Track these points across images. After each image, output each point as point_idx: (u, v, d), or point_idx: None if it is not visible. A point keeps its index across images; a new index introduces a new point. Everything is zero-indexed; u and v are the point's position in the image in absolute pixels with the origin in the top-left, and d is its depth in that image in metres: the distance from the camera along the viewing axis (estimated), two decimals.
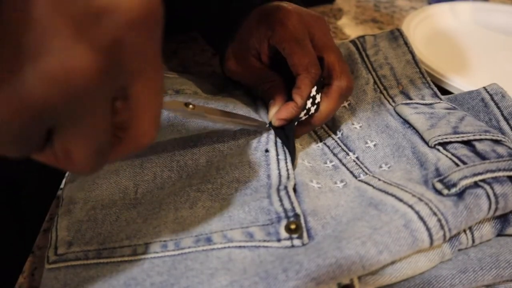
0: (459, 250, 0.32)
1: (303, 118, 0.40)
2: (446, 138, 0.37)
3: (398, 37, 0.50)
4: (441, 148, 0.37)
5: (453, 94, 0.47)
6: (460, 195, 0.32)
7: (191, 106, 0.33)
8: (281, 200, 0.33)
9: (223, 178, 0.36)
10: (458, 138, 0.37)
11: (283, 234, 0.31)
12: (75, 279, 0.30)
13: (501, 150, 0.35)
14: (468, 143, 0.37)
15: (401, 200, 0.31)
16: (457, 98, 0.44)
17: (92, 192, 0.35)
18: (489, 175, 0.32)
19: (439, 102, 0.43)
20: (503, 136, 0.37)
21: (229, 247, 0.30)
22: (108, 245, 0.31)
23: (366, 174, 0.38)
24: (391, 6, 0.78)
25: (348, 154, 0.40)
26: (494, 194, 0.31)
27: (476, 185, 0.32)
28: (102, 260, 0.31)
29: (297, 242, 0.30)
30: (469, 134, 0.37)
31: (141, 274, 0.29)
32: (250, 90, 0.47)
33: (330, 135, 0.43)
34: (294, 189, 0.35)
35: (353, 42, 0.51)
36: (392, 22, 0.73)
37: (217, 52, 0.49)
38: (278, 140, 0.39)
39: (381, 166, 0.38)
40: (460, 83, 0.50)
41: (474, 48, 0.62)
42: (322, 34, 0.41)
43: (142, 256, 0.31)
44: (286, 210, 0.32)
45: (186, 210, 0.34)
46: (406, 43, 0.49)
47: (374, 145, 0.40)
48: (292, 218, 0.31)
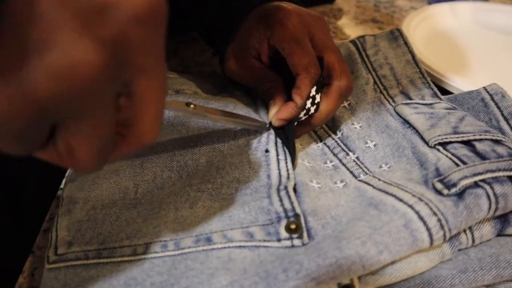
0: (459, 250, 0.32)
1: (303, 118, 0.40)
2: (446, 138, 0.37)
3: (398, 37, 0.50)
4: (441, 148, 0.37)
5: (453, 94, 0.46)
6: (460, 195, 0.32)
7: (192, 106, 0.33)
8: (281, 200, 0.33)
9: (223, 178, 0.36)
10: (458, 138, 0.37)
11: (283, 234, 0.31)
12: (75, 279, 0.30)
13: (501, 150, 0.35)
14: (468, 143, 0.37)
15: (401, 200, 0.31)
16: (457, 98, 0.44)
17: (92, 192, 0.35)
18: (489, 175, 0.32)
19: (439, 102, 0.43)
20: (503, 136, 0.37)
21: (229, 247, 0.30)
22: (108, 245, 0.31)
23: (366, 174, 0.38)
24: (391, 6, 0.78)
25: (348, 154, 0.40)
26: (494, 194, 0.31)
27: (476, 185, 0.32)
28: (102, 260, 0.31)
29: (297, 242, 0.30)
30: (469, 134, 0.37)
31: (141, 274, 0.29)
32: (250, 90, 0.47)
33: (330, 135, 0.43)
34: (294, 189, 0.35)
35: (353, 42, 0.51)
36: (392, 22, 0.73)
37: (217, 52, 0.49)
38: (278, 140, 0.39)
39: (381, 166, 0.38)
40: (460, 83, 0.50)
41: (474, 48, 0.62)
42: (322, 34, 0.41)
43: (142, 256, 0.31)
44: (286, 210, 0.32)
45: (186, 210, 0.34)
46: (406, 43, 0.49)
47: (374, 145, 0.40)
48: (292, 218, 0.31)
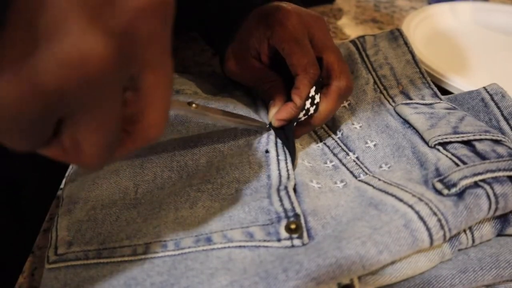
0: (459, 250, 0.32)
1: (302, 118, 0.40)
2: (446, 138, 0.37)
3: (398, 37, 0.50)
4: (441, 148, 0.37)
5: (453, 94, 0.47)
6: (460, 195, 0.32)
7: (194, 105, 0.33)
8: (281, 200, 0.33)
9: (223, 178, 0.36)
10: (458, 138, 0.37)
11: (283, 234, 0.31)
12: (75, 279, 0.30)
13: (501, 150, 0.35)
14: (468, 143, 0.37)
15: (401, 200, 0.31)
16: (457, 98, 0.44)
17: (92, 192, 0.35)
18: (489, 175, 0.32)
19: (439, 102, 0.43)
20: (503, 136, 0.37)
21: (229, 247, 0.30)
22: (108, 245, 0.31)
23: (366, 174, 0.38)
24: (391, 6, 0.78)
25: (348, 154, 0.40)
26: (494, 194, 0.31)
27: (476, 185, 0.32)
28: (102, 260, 0.31)
29: (297, 242, 0.30)
30: (469, 134, 0.37)
31: (141, 274, 0.29)
32: (250, 91, 0.47)
33: (330, 135, 0.43)
34: (294, 189, 0.35)
35: (353, 42, 0.51)
36: (392, 22, 0.73)
37: (217, 52, 0.49)
38: (278, 140, 0.39)
39: (381, 166, 0.38)
40: (460, 83, 0.50)
41: (474, 48, 0.62)
42: (322, 34, 0.41)
43: (142, 256, 0.31)
44: (286, 210, 0.32)
45: (186, 210, 0.34)
46: (406, 43, 0.49)
47: (374, 145, 0.40)
48: (292, 218, 0.31)
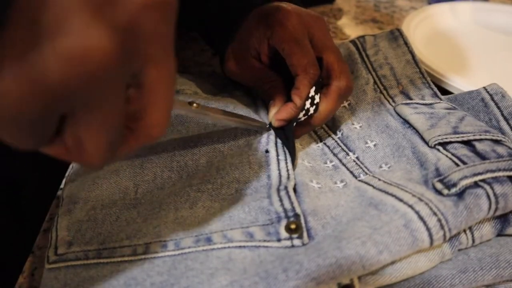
0: (459, 250, 0.32)
1: (302, 118, 0.40)
2: (446, 138, 0.37)
3: (398, 37, 0.50)
4: (441, 148, 0.37)
5: (453, 94, 0.46)
6: (460, 195, 0.32)
7: (195, 105, 0.33)
8: (281, 200, 0.33)
9: (223, 178, 0.36)
10: (458, 138, 0.37)
11: (283, 234, 0.31)
12: (75, 279, 0.30)
13: (501, 150, 0.35)
14: (468, 143, 0.37)
15: (401, 200, 0.31)
16: (457, 98, 0.44)
17: (92, 192, 0.35)
18: (489, 175, 0.32)
19: (439, 102, 0.43)
20: (503, 136, 0.37)
21: (229, 247, 0.30)
22: (108, 245, 0.31)
23: (366, 174, 0.38)
24: (391, 6, 0.78)
25: (348, 154, 0.40)
26: (494, 194, 0.31)
27: (476, 185, 0.32)
28: (102, 260, 0.31)
29: (297, 242, 0.30)
30: (469, 134, 0.37)
31: (141, 274, 0.29)
32: (250, 90, 0.47)
33: (330, 135, 0.43)
34: (294, 189, 0.35)
35: (353, 42, 0.51)
36: (392, 22, 0.73)
37: (217, 52, 0.49)
38: (278, 140, 0.39)
39: (381, 166, 0.38)
40: (460, 83, 0.50)
41: (474, 48, 0.62)
42: (322, 34, 0.41)
43: (142, 256, 0.31)
44: (286, 210, 0.32)
45: (186, 210, 0.34)
46: (406, 43, 0.49)
47: (374, 145, 0.40)
48: (292, 218, 0.31)
